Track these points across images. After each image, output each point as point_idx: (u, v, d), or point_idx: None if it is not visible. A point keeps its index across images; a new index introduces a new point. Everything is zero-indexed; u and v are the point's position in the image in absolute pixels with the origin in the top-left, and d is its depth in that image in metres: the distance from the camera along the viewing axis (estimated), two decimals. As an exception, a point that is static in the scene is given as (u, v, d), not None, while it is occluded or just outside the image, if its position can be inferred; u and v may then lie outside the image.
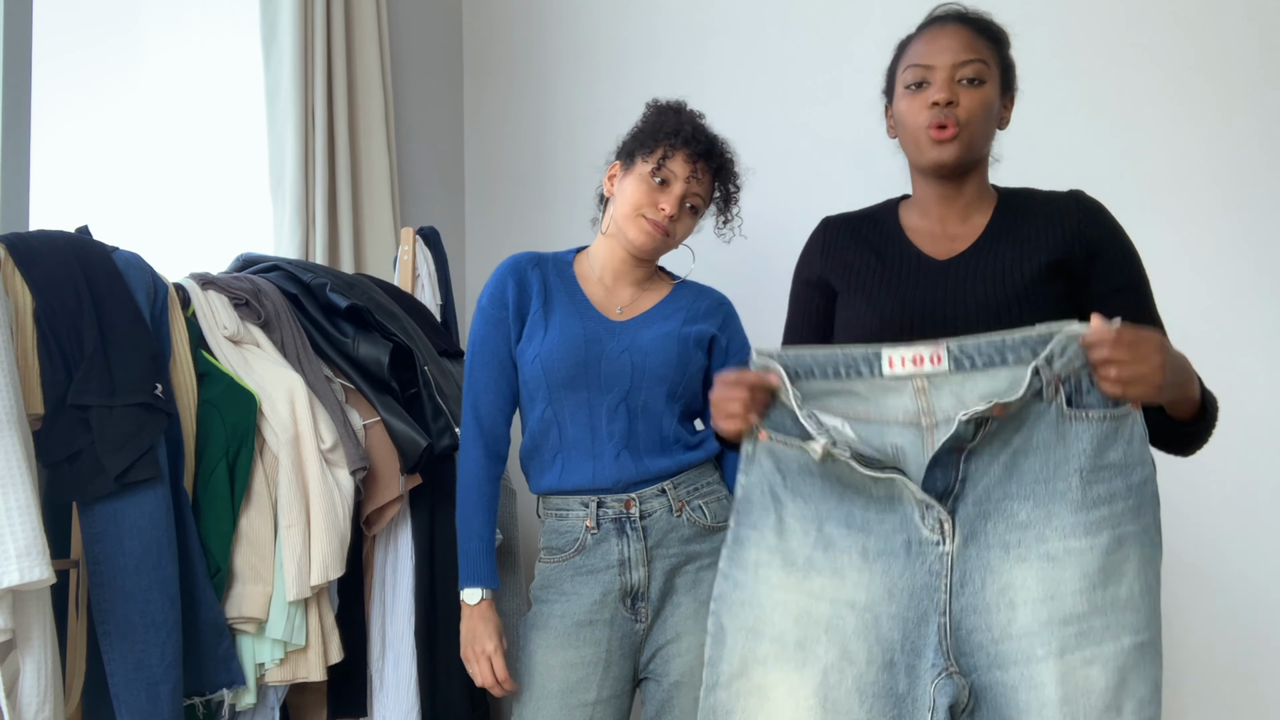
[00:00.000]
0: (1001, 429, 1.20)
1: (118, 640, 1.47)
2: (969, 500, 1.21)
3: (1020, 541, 1.19)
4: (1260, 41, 2.23)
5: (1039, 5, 2.40)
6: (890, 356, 1.23)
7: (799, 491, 1.27)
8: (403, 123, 2.80)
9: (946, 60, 1.42)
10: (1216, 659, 2.22)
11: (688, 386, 1.76)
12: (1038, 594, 1.17)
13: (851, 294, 1.49)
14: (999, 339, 1.21)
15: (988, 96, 1.42)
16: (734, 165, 1.81)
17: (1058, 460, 1.19)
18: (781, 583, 1.26)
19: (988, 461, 1.21)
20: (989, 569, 1.20)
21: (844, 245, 1.53)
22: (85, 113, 2.11)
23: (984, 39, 1.46)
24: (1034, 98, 2.37)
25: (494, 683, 1.68)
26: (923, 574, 1.21)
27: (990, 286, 1.39)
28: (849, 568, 1.24)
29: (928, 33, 1.47)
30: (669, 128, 1.74)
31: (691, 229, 1.79)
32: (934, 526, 1.22)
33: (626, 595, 1.70)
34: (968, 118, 1.41)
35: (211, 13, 2.41)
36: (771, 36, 2.67)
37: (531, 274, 1.79)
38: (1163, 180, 2.28)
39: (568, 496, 1.74)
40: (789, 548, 1.27)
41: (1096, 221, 1.44)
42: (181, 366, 1.64)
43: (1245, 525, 2.21)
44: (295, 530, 1.67)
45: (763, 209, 2.64)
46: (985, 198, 1.49)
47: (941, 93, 1.40)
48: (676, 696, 1.69)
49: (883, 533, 1.23)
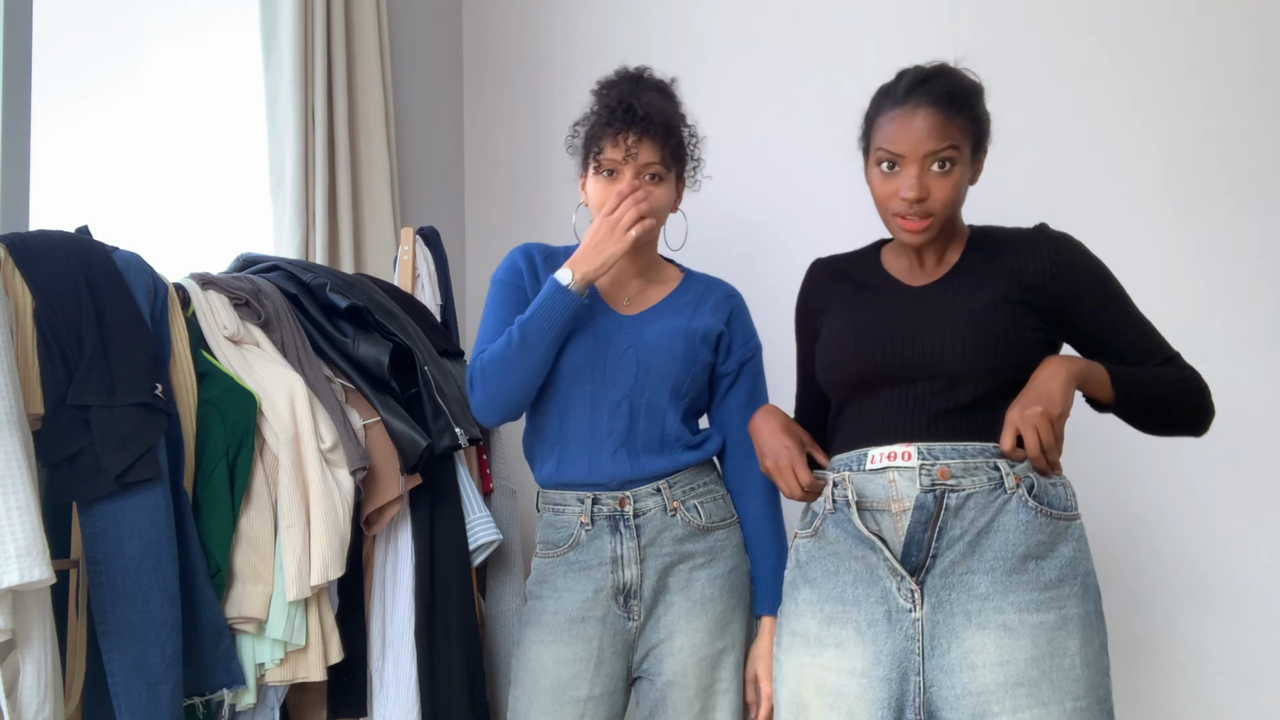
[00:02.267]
0: (967, 511, 1.41)
1: (117, 640, 1.47)
2: (936, 572, 1.41)
3: (980, 611, 1.38)
4: (1260, 41, 2.23)
5: (1039, 5, 2.40)
6: (872, 455, 1.48)
7: (809, 579, 1.52)
8: (403, 123, 2.80)
9: (918, 152, 1.45)
10: (1216, 659, 2.22)
11: (693, 384, 1.75)
12: (995, 659, 1.36)
13: (832, 319, 1.60)
14: (963, 445, 1.43)
15: (958, 179, 1.47)
16: (666, 117, 1.70)
17: (1015, 542, 1.39)
18: (802, 660, 1.49)
19: (955, 539, 1.41)
20: (954, 634, 1.39)
21: (827, 283, 1.66)
22: (85, 112, 2.11)
23: (956, 118, 1.46)
24: (1033, 98, 2.38)
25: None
26: (901, 639, 1.41)
27: (958, 303, 1.50)
28: (848, 641, 1.45)
29: (899, 115, 1.46)
30: (592, 120, 1.72)
31: (669, 195, 1.73)
32: (907, 595, 1.42)
33: (619, 593, 1.70)
34: (940, 206, 1.46)
35: (211, 13, 2.41)
36: (771, 37, 2.67)
37: (541, 262, 1.79)
38: (1162, 180, 2.28)
39: (564, 491, 1.74)
40: (804, 628, 1.51)
41: (1064, 249, 1.52)
42: (181, 366, 1.64)
43: (1245, 525, 2.21)
44: (295, 530, 1.67)
45: (763, 209, 2.64)
46: (958, 239, 1.57)
47: (911, 191, 1.44)
48: (670, 696, 1.69)
49: (869, 605, 1.44)
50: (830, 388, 1.60)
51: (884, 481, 1.45)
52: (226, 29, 2.42)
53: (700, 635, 1.70)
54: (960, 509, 1.40)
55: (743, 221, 2.64)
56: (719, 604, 1.71)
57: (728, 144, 2.68)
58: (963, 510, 1.40)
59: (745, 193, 2.65)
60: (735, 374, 1.80)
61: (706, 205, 2.42)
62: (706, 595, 1.71)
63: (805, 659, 1.48)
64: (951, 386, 1.46)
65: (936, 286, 1.54)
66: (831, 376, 1.59)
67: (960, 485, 1.41)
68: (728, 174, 2.66)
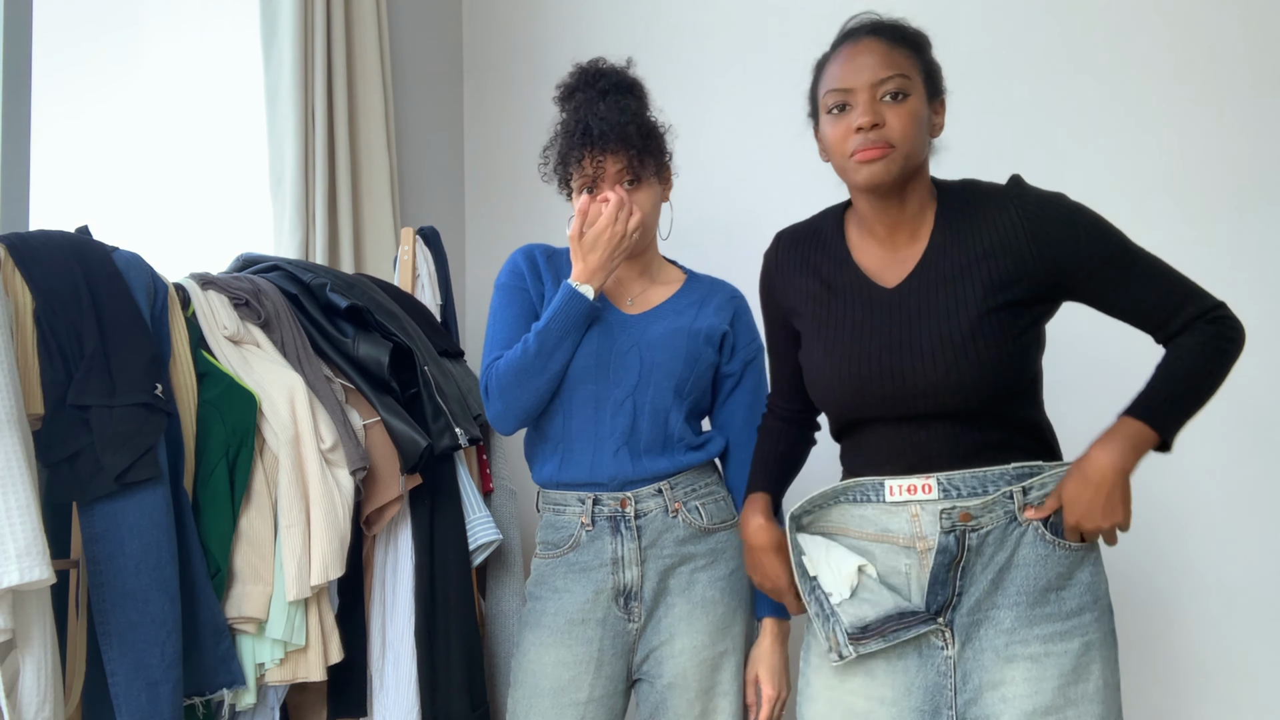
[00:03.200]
0: (987, 548, 1.39)
1: (118, 640, 1.47)
2: (963, 610, 1.40)
3: (1008, 645, 1.38)
4: (1260, 41, 2.23)
5: (1039, 5, 2.40)
6: (891, 485, 1.44)
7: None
8: (403, 123, 2.80)
9: (865, 79, 1.39)
10: (1217, 658, 2.22)
11: (696, 384, 1.75)
12: (1024, 690, 1.37)
13: (810, 339, 1.51)
14: (982, 472, 1.41)
15: (914, 109, 1.39)
16: (622, 126, 1.68)
17: (1037, 576, 1.39)
18: (831, 683, 1.47)
19: (978, 576, 1.40)
20: (984, 669, 1.39)
21: (793, 275, 1.55)
22: (85, 112, 2.11)
23: (902, 49, 1.42)
24: (1032, 98, 2.38)
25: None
26: (933, 674, 1.41)
27: (943, 324, 1.40)
28: (878, 669, 1.43)
29: (843, 52, 1.43)
30: (558, 144, 1.74)
31: (649, 196, 1.73)
32: (938, 634, 1.41)
33: (619, 594, 1.70)
34: (898, 136, 1.38)
35: (211, 12, 2.41)
36: (772, 37, 2.67)
37: (544, 264, 1.79)
38: (1161, 181, 2.28)
39: (565, 491, 1.74)
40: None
41: (1043, 218, 1.41)
42: (181, 366, 1.64)
43: (1245, 525, 2.21)
44: (295, 530, 1.67)
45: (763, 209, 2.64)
46: (926, 208, 1.47)
47: (865, 116, 1.38)
48: (670, 698, 1.69)
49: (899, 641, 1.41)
50: (824, 412, 1.56)
51: (907, 516, 1.42)
52: (226, 28, 2.42)
53: (701, 637, 1.70)
54: (980, 548, 1.39)
55: (743, 222, 2.64)
56: (720, 606, 1.71)
57: (728, 144, 2.68)
58: (982, 548, 1.39)
59: (745, 193, 2.65)
60: (739, 375, 1.80)
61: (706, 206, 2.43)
62: (708, 597, 1.71)
63: (834, 681, 1.46)
64: (953, 417, 1.41)
65: (912, 288, 1.44)
66: (824, 406, 1.54)
67: (980, 524, 1.39)
68: (727, 174, 2.67)
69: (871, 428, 1.47)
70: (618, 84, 1.76)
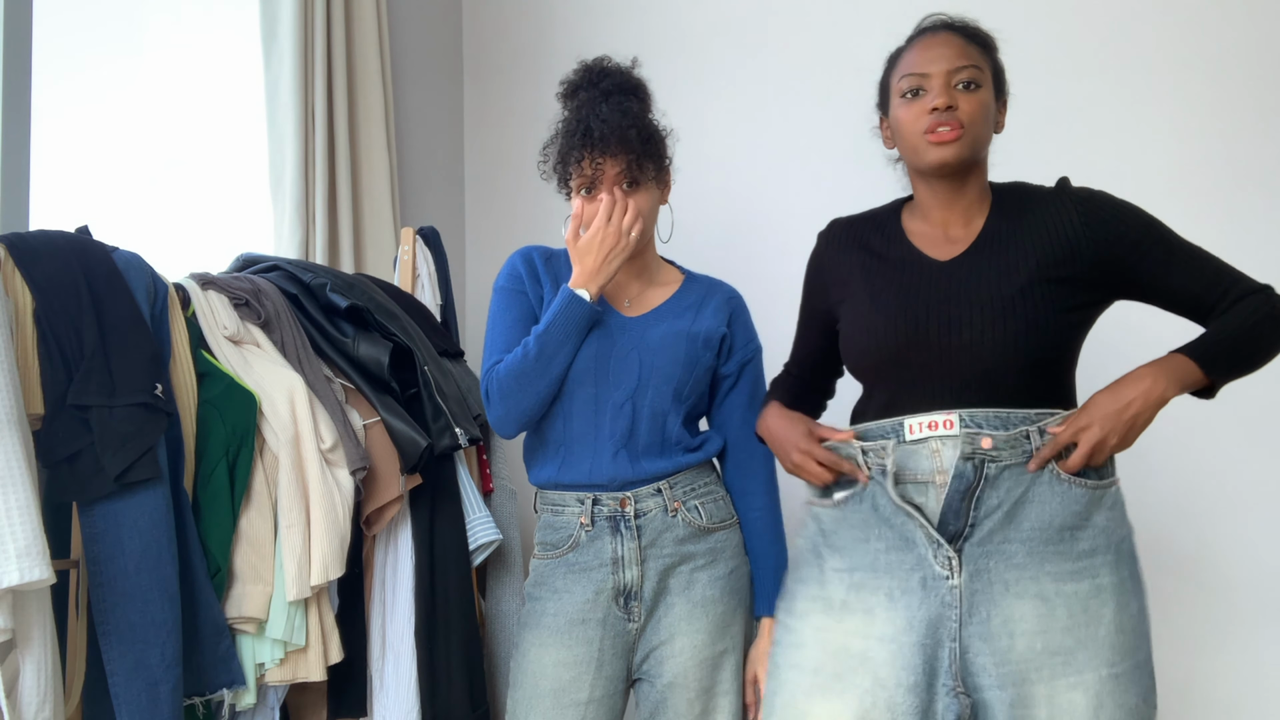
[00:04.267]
0: (1004, 480, 1.40)
1: (118, 640, 1.47)
2: (975, 541, 1.40)
3: (1018, 580, 1.38)
4: (1260, 41, 2.23)
5: (1039, 6, 2.40)
6: (910, 424, 1.44)
7: (835, 546, 1.49)
8: (403, 123, 2.80)
9: (942, 67, 1.47)
10: (1217, 658, 2.22)
11: (695, 387, 1.75)
12: (1033, 627, 1.36)
13: (855, 298, 1.55)
14: (1005, 412, 1.41)
15: (985, 99, 1.48)
16: (623, 130, 1.67)
17: (1051, 514, 1.39)
18: (824, 625, 1.46)
19: (992, 508, 1.40)
20: (992, 602, 1.38)
21: (845, 251, 1.61)
22: (85, 112, 2.11)
23: (976, 45, 1.51)
24: (1033, 98, 2.38)
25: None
26: (937, 605, 1.40)
27: (992, 286, 1.45)
28: (877, 607, 1.43)
29: (920, 42, 1.51)
30: (559, 143, 1.73)
31: (649, 196, 1.72)
32: (944, 563, 1.40)
33: (619, 594, 1.70)
34: (969, 120, 1.46)
35: (211, 12, 2.41)
36: (772, 37, 2.67)
37: (542, 266, 1.79)
38: (1163, 182, 2.28)
39: (564, 492, 1.74)
40: (828, 594, 1.48)
41: (1091, 204, 1.49)
42: (181, 366, 1.64)
43: (1245, 525, 2.21)
44: (295, 530, 1.68)
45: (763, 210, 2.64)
46: (983, 200, 1.55)
47: (940, 98, 1.45)
48: (670, 698, 1.69)
49: (902, 572, 1.42)
50: (858, 374, 1.57)
51: (927, 452, 1.42)
52: (227, 28, 2.42)
53: (701, 637, 1.70)
54: (997, 479, 1.39)
55: (741, 224, 2.64)
56: (720, 605, 1.71)
57: (727, 145, 2.68)
58: (999, 480, 1.39)
59: (745, 194, 2.65)
60: (736, 375, 1.80)
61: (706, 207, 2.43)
62: (708, 596, 1.71)
63: (829, 623, 1.46)
64: (989, 376, 1.43)
65: (964, 261, 1.49)
66: (859, 363, 1.55)
67: (999, 456, 1.39)
68: (727, 175, 2.67)
69: (903, 388, 1.48)
70: (621, 85, 1.76)
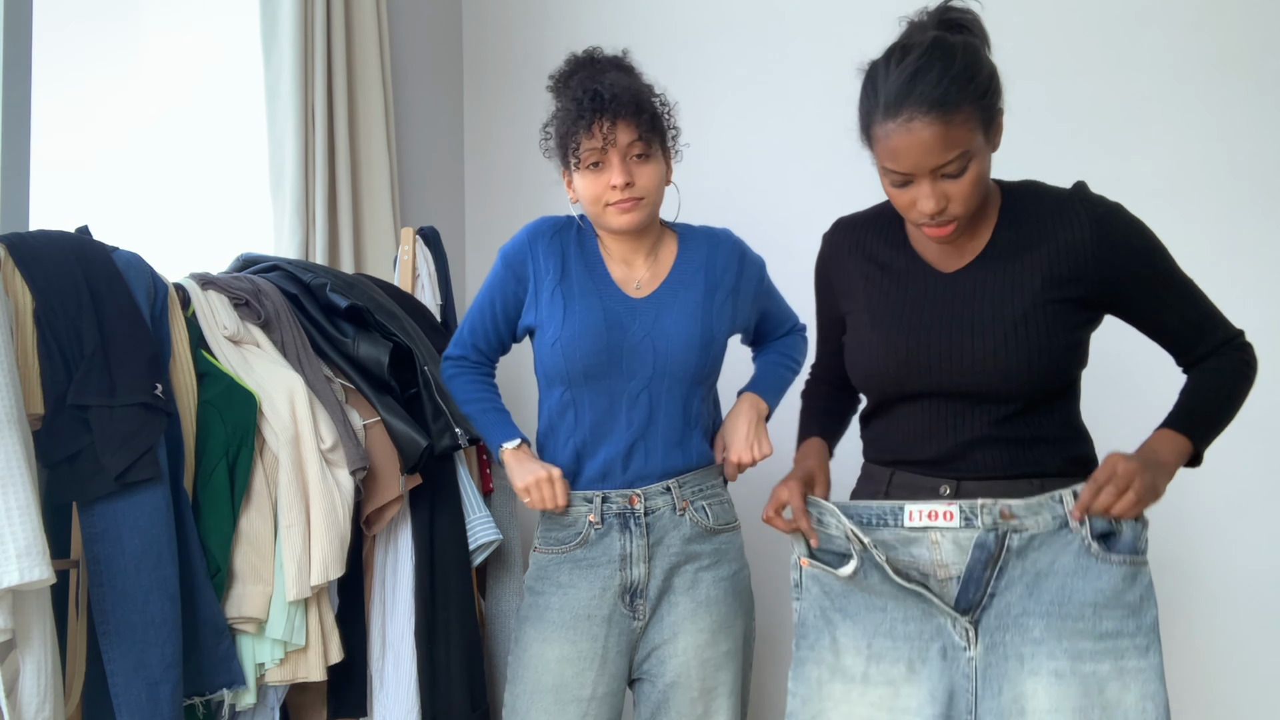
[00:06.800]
0: (1029, 551, 1.35)
1: (118, 640, 1.47)
2: (992, 613, 1.36)
3: (1033, 655, 1.33)
4: (1260, 41, 2.23)
5: (1040, 7, 2.40)
6: (910, 511, 1.39)
7: (847, 612, 1.44)
8: (403, 123, 2.80)
9: (925, 165, 1.32)
10: (1218, 658, 2.22)
11: (714, 363, 1.76)
12: (1045, 705, 1.31)
13: (857, 313, 1.50)
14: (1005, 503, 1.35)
15: (975, 173, 1.34)
16: (634, 92, 1.65)
17: (1074, 588, 1.32)
18: (844, 697, 1.42)
19: (1014, 579, 1.35)
20: (1005, 677, 1.34)
21: (848, 258, 1.53)
22: (85, 113, 2.11)
23: (957, 116, 1.30)
24: (1034, 98, 2.38)
25: (553, 499, 1.68)
26: (958, 677, 1.37)
27: (996, 306, 1.39)
28: (899, 679, 1.39)
29: (895, 132, 1.31)
30: (562, 115, 1.69)
31: (658, 171, 1.70)
32: (962, 634, 1.37)
33: (625, 591, 1.69)
34: (961, 208, 1.35)
35: (211, 12, 2.41)
36: (772, 36, 2.67)
37: (547, 245, 1.74)
38: (1162, 181, 2.28)
39: (573, 491, 1.72)
40: (845, 664, 1.43)
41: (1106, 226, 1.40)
42: (181, 366, 1.64)
43: (1245, 525, 2.21)
44: (295, 530, 1.67)
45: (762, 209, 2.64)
46: (990, 206, 1.44)
47: (929, 204, 1.33)
48: (672, 697, 1.69)
49: (922, 642, 1.39)
50: (863, 390, 1.54)
51: (927, 542, 1.38)
52: (226, 28, 2.42)
53: (704, 636, 1.70)
54: (1024, 550, 1.34)
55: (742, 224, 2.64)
56: (723, 606, 1.71)
57: (727, 143, 2.68)
58: (1026, 551, 1.34)
59: (744, 192, 2.65)
60: (759, 308, 1.85)
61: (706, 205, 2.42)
62: (711, 596, 1.71)
63: (850, 695, 1.42)
64: (992, 401, 1.40)
65: (969, 276, 1.42)
66: (863, 382, 1.51)
67: (1024, 525, 1.34)
68: (726, 173, 2.67)
69: (906, 407, 1.45)
70: (619, 63, 1.75)
